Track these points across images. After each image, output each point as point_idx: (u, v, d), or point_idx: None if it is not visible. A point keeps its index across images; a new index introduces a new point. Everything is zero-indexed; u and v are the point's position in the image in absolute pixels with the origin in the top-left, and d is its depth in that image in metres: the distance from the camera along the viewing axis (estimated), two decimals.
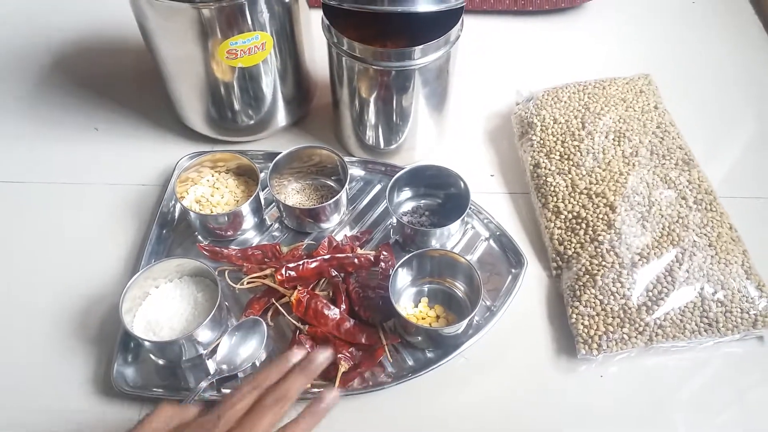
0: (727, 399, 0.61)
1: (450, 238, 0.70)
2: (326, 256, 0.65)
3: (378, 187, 0.75)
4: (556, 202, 0.70)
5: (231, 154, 0.72)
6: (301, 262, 0.64)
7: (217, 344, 0.61)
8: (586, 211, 0.68)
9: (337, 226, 0.72)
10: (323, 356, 0.50)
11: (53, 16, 0.98)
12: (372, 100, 0.70)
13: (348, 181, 0.69)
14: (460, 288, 0.66)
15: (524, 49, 0.94)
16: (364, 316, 0.63)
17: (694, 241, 0.65)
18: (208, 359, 0.61)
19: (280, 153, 0.71)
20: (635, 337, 0.61)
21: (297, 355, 0.50)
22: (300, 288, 0.63)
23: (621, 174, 0.69)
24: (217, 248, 0.67)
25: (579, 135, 0.73)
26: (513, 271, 0.68)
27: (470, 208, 0.68)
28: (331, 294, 0.65)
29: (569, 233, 0.68)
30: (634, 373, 0.62)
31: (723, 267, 0.63)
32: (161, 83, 0.76)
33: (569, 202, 0.69)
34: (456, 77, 0.73)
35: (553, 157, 0.73)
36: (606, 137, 0.73)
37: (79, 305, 0.66)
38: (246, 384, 0.47)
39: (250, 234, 0.71)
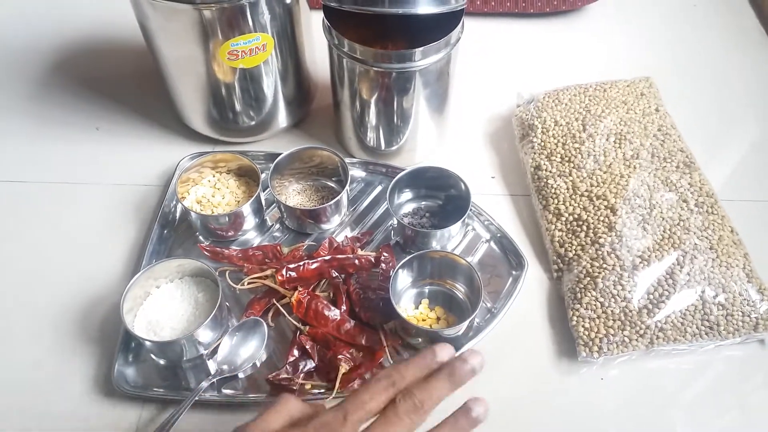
0: (727, 402, 0.61)
1: (450, 239, 0.69)
2: (327, 257, 0.65)
3: (379, 188, 0.75)
4: (557, 204, 0.70)
5: (232, 155, 0.72)
6: (301, 263, 0.64)
7: (218, 344, 0.61)
8: (587, 213, 0.68)
9: (337, 227, 0.72)
10: (477, 361, 0.42)
11: (54, 17, 0.98)
12: (373, 101, 0.70)
13: (349, 182, 0.69)
14: (460, 290, 0.65)
15: (525, 52, 0.94)
16: (364, 317, 0.63)
17: (695, 244, 0.65)
18: (208, 359, 0.61)
19: (281, 154, 0.71)
20: (636, 339, 0.61)
21: (444, 352, 0.43)
22: (300, 289, 0.63)
23: (622, 176, 0.69)
24: (218, 249, 0.67)
25: (580, 137, 0.73)
26: (514, 273, 0.68)
27: (471, 209, 0.68)
28: (331, 295, 0.65)
29: (570, 235, 0.68)
30: (635, 375, 0.62)
31: (724, 270, 0.63)
32: (162, 84, 0.77)
33: (570, 205, 0.69)
34: (457, 79, 0.73)
35: (554, 160, 0.73)
36: (607, 140, 0.73)
37: (80, 305, 0.66)
38: (381, 379, 0.41)
39: (250, 235, 0.71)
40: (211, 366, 0.61)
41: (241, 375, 0.60)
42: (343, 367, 0.59)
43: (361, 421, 0.40)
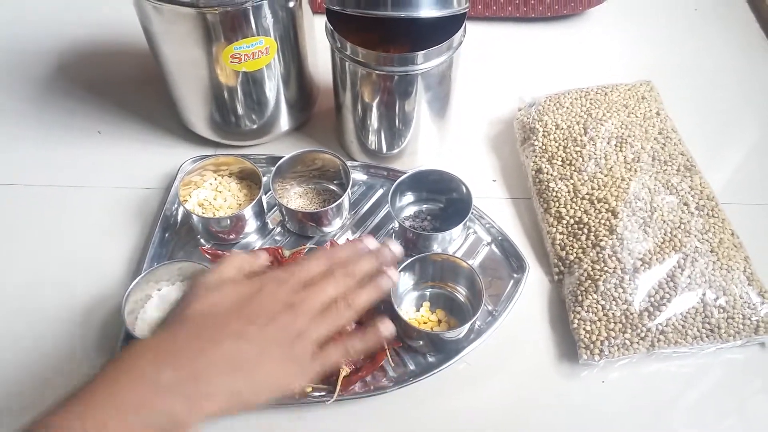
0: (728, 405, 0.61)
1: (452, 242, 0.70)
2: None
3: (380, 191, 0.75)
4: (558, 207, 0.70)
5: (234, 158, 0.72)
6: None
7: None
8: (588, 216, 0.68)
9: (339, 230, 0.72)
10: (397, 249, 0.52)
11: (57, 20, 0.99)
12: (374, 104, 0.70)
13: (350, 185, 0.70)
14: (461, 292, 0.66)
15: (526, 56, 0.94)
16: (365, 319, 0.63)
17: (696, 246, 0.65)
18: None
19: (283, 157, 0.71)
20: (637, 342, 0.61)
21: (370, 243, 0.53)
22: None
23: (623, 179, 0.70)
24: (219, 251, 0.67)
25: (581, 140, 0.74)
26: (515, 276, 0.68)
27: (472, 212, 0.68)
28: None
29: (571, 238, 0.68)
30: (636, 378, 0.62)
31: (725, 273, 0.64)
32: (165, 87, 0.77)
33: (571, 208, 0.69)
34: (458, 83, 0.73)
35: (555, 163, 0.73)
36: (608, 143, 0.73)
37: (82, 307, 0.66)
38: (320, 255, 0.50)
39: (252, 238, 0.71)
40: None
41: None
42: (344, 370, 0.59)
43: (303, 280, 0.48)
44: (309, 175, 0.75)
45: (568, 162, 0.73)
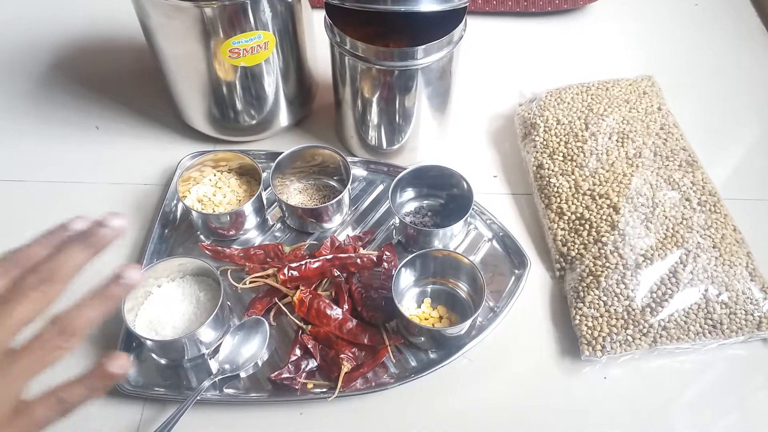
0: (731, 401, 0.60)
1: (453, 238, 0.69)
2: (329, 256, 0.65)
3: (380, 187, 0.75)
4: (560, 203, 0.70)
5: (233, 154, 0.72)
6: (303, 262, 0.63)
7: (220, 344, 0.61)
8: (590, 212, 0.68)
9: (339, 227, 0.71)
10: (116, 222, 0.38)
11: (55, 15, 0.98)
12: (374, 100, 0.70)
13: (350, 181, 0.69)
14: (463, 289, 0.65)
15: (527, 51, 0.94)
16: (366, 316, 0.63)
17: (698, 242, 0.64)
18: (210, 359, 0.61)
19: (283, 153, 0.70)
20: (639, 338, 0.61)
21: (77, 223, 0.38)
22: (302, 288, 0.63)
23: (624, 175, 0.69)
24: (219, 248, 0.67)
25: (582, 136, 0.73)
26: (516, 272, 0.67)
27: (473, 208, 0.68)
28: (333, 294, 0.65)
29: (573, 234, 0.68)
30: (638, 374, 0.62)
31: (727, 269, 0.63)
32: (163, 82, 0.76)
33: (572, 203, 0.69)
34: (459, 78, 0.73)
35: (557, 158, 0.73)
36: (609, 138, 0.73)
37: None
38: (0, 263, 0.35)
39: (252, 234, 0.71)
40: (213, 365, 0.61)
41: (242, 374, 0.60)
42: (346, 366, 0.59)
43: None
44: (309, 171, 0.74)
45: (569, 157, 0.72)
